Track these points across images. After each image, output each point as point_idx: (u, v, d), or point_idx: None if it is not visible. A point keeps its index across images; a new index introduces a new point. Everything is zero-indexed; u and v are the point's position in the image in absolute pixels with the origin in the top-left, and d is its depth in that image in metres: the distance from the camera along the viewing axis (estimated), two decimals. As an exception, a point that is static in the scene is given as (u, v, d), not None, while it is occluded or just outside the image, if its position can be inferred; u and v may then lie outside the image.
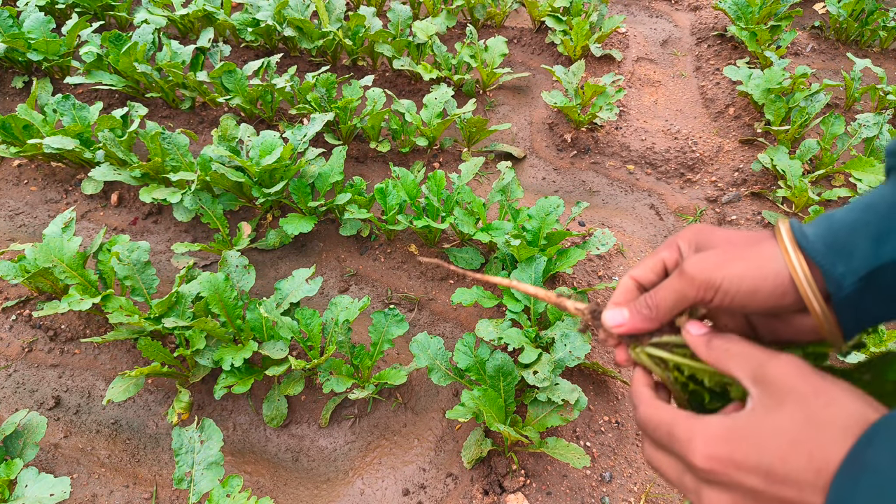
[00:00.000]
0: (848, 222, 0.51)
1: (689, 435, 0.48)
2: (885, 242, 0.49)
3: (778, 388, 0.46)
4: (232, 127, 2.74)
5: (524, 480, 1.92)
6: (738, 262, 0.53)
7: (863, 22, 4.08)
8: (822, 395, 0.45)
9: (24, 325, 2.34)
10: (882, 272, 0.49)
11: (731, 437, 0.46)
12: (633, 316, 0.59)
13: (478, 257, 2.56)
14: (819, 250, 0.51)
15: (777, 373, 0.47)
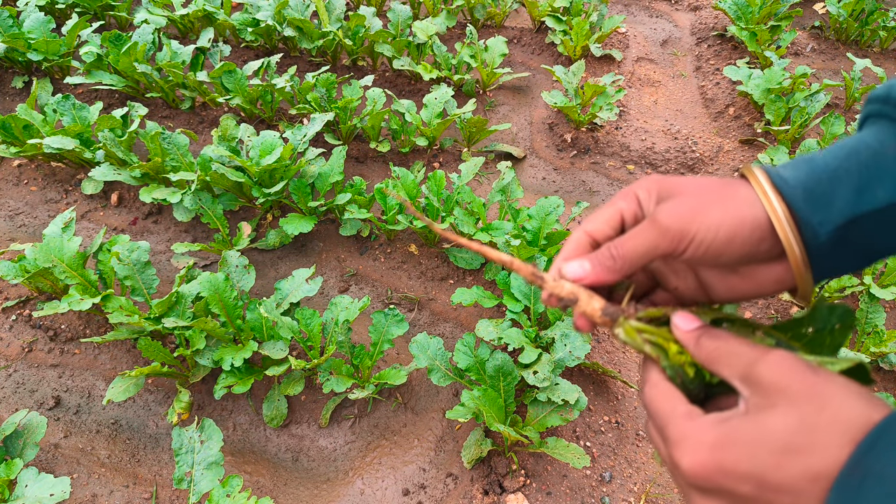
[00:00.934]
0: (829, 169, 0.50)
1: (679, 437, 0.46)
2: (865, 192, 0.48)
3: (769, 390, 0.44)
4: (232, 127, 2.74)
5: (524, 480, 1.92)
6: (713, 208, 0.51)
7: (863, 22, 4.08)
8: (817, 396, 0.42)
9: (24, 325, 2.34)
10: (859, 222, 0.48)
11: (722, 444, 0.43)
12: (595, 267, 0.54)
13: (478, 257, 2.56)
14: (798, 196, 0.49)
15: (768, 373, 0.44)
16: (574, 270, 0.55)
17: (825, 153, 0.52)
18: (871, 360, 2.18)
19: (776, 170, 0.52)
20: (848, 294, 2.39)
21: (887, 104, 0.51)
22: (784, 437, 0.41)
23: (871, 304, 2.24)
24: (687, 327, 0.52)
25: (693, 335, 0.51)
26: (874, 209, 0.48)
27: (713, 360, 0.49)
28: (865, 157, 0.49)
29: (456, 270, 2.60)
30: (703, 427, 0.45)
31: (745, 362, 0.46)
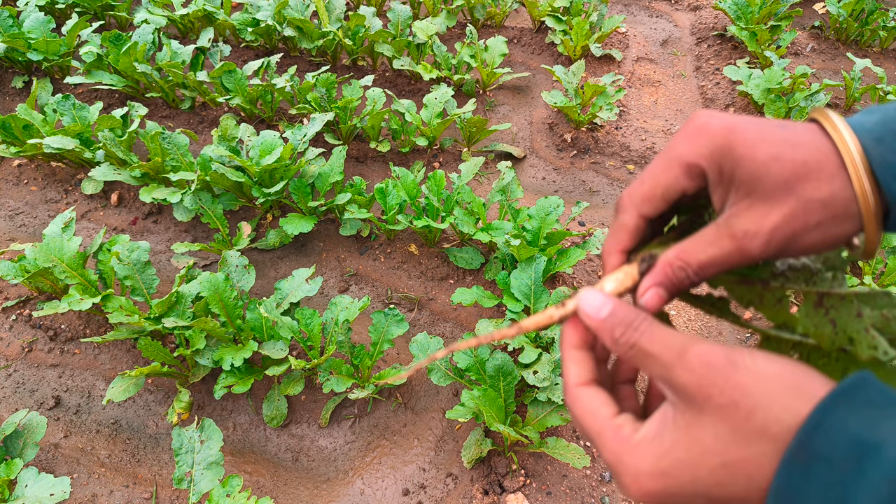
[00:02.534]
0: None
1: (614, 461, 0.44)
2: None
3: (694, 397, 0.41)
4: (232, 127, 2.74)
5: (524, 480, 1.92)
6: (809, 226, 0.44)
7: (863, 22, 4.08)
8: (743, 399, 0.39)
9: (24, 325, 2.34)
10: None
11: (662, 472, 0.41)
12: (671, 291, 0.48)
13: (478, 257, 2.56)
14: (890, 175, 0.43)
15: (688, 378, 0.41)
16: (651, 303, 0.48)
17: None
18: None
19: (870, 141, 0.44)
20: (848, 294, 2.39)
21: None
22: (719, 453, 0.40)
23: (871, 304, 2.24)
24: (597, 315, 0.47)
25: (606, 327, 0.46)
26: None
27: (634, 361, 0.45)
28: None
29: (456, 270, 2.60)
30: (639, 453, 0.43)
31: (664, 365, 0.43)
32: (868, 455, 0.35)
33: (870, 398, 0.37)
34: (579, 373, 0.49)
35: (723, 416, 0.40)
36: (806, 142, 0.45)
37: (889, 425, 0.35)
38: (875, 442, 0.35)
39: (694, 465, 0.40)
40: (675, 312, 2.56)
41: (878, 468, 0.34)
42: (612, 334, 0.46)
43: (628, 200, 0.51)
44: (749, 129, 0.46)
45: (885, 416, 0.36)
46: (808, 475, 0.36)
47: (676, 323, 2.51)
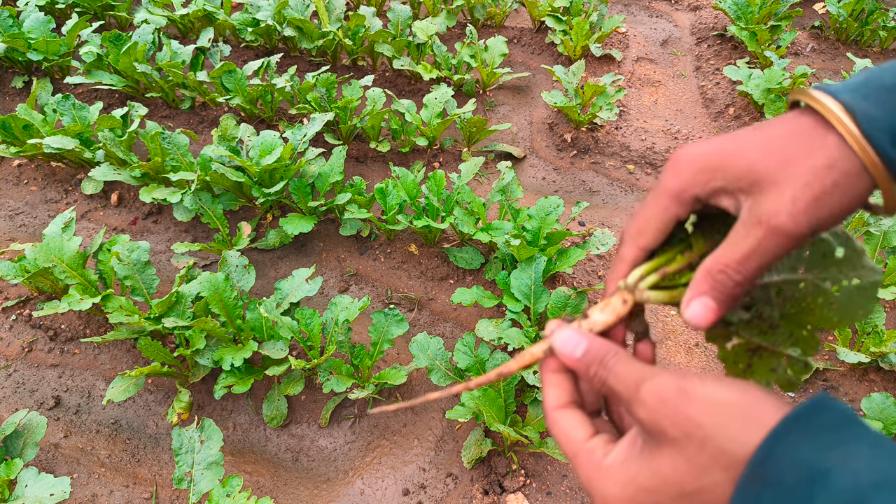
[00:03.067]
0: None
1: (587, 481, 0.47)
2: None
3: (651, 430, 0.44)
4: (232, 127, 2.74)
5: (524, 480, 1.92)
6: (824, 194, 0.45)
7: (863, 22, 4.08)
8: (695, 431, 0.41)
9: (24, 325, 2.34)
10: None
11: (628, 497, 0.44)
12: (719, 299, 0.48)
13: (478, 257, 2.56)
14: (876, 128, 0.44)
15: (644, 413, 0.44)
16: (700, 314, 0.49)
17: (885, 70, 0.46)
18: (871, 359, 2.18)
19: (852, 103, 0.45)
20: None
21: None
22: (678, 483, 0.42)
23: (871, 304, 2.23)
24: (573, 354, 0.49)
25: (582, 366, 0.49)
26: None
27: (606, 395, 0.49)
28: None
29: (456, 270, 2.60)
30: (608, 478, 0.45)
31: (624, 401, 0.46)
32: (817, 481, 0.35)
33: (824, 423, 0.38)
34: (557, 396, 0.51)
35: (677, 448, 0.42)
36: (786, 127, 0.47)
37: (839, 451, 0.36)
38: (825, 468, 0.36)
39: (656, 493, 0.43)
40: (675, 312, 2.56)
41: (826, 495, 0.35)
42: (587, 372, 0.49)
43: (626, 234, 0.54)
44: (728, 141, 0.48)
45: (837, 442, 0.37)
46: (759, 501, 0.37)
47: (676, 323, 2.51)
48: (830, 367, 2.28)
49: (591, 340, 0.49)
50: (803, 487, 0.36)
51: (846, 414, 0.39)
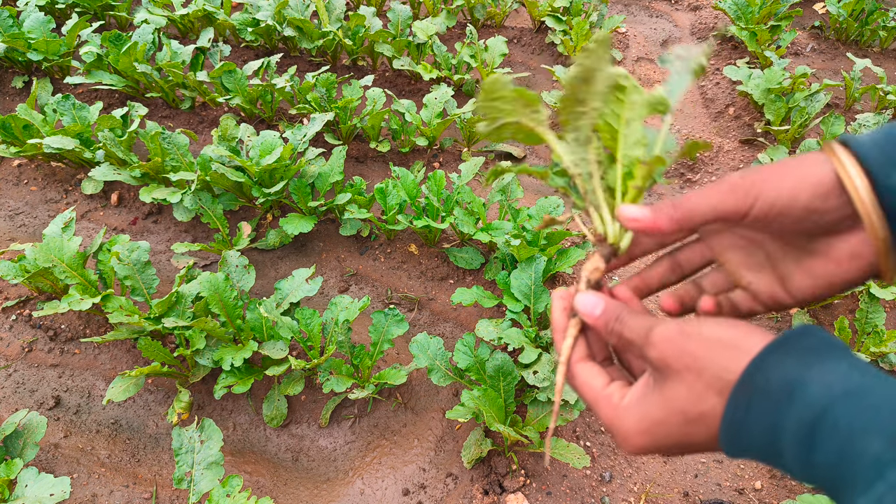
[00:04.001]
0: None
1: (609, 423, 0.53)
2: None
3: (658, 367, 0.50)
4: (232, 127, 2.74)
5: (524, 480, 1.92)
6: (781, 168, 0.51)
7: (863, 22, 4.08)
8: (693, 363, 0.47)
9: (24, 325, 2.34)
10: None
11: (645, 430, 0.50)
12: (656, 213, 0.53)
13: (478, 257, 2.56)
14: (873, 156, 0.47)
15: (653, 356, 0.50)
16: (632, 212, 0.54)
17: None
18: (871, 359, 2.18)
19: (854, 136, 0.50)
20: (848, 294, 2.39)
21: None
22: (682, 411, 0.48)
23: (871, 304, 2.24)
24: (593, 312, 0.56)
25: (601, 323, 0.56)
26: None
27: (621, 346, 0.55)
28: None
29: (456, 270, 2.60)
30: (626, 416, 0.52)
31: (638, 346, 0.52)
32: (796, 389, 0.41)
33: (808, 345, 0.44)
34: (575, 352, 0.58)
35: (680, 379, 0.48)
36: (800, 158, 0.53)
37: (818, 367, 0.42)
38: (804, 380, 0.42)
39: (666, 422, 0.49)
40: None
41: (802, 400, 0.41)
42: (605, 328, 0.56)
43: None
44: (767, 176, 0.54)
45: (818, 361, 0.43)
46: (749, 407, 0.44)
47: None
48: (830, 367, 2.28)
49: (606, 301, 0.56)
50: (785, 394, 0.42)
51: (829, 340, 0.45)
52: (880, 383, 0.40)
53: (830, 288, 0.53)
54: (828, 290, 0.54)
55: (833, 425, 0.38)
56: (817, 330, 0.46)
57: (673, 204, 0.53)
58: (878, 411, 0.38)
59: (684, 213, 0.53)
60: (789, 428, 0.41)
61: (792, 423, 0.41)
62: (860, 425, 0.37)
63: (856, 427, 0.38)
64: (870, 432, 0.37)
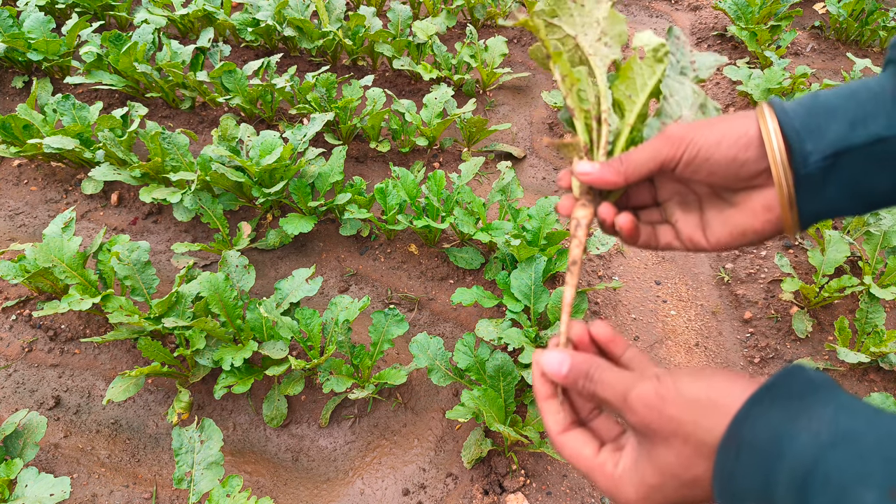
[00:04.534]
0: (829, 106, 0.53)
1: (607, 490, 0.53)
2: (858, 126, 0.51)
3: (643, 435, 0.50)
4: (232, 127, 2.74)
5: (524, 480, 1.92)
6: (712, 121, 0.57)
7: (863, 22, 4.08)
8: (678, 432, 0.48)
9: (24, 325, 2.34)
10: (849, 157, 0.51)
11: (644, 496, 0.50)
12: (604, 167, 0.59)
13: (478, 257, 2.56)
14: (793, 125, 0.53)
15: (634, 421, 0.50)
16: (583, 168, 0.60)
17: (830, 92, 0.55)
18: (871, 359, 2.18)
19: (782, 102, 0.55)
20: (848, 294, 2.39)
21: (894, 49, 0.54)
22: (676, 475, 0.49)
23: (871, 304, 2.24)
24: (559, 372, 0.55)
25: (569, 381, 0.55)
26: (864, 142, 0.51)
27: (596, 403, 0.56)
28: (865, 98, 0.52)
29: (456, 270, 2.60)
30: (623, 485, 0.52)
31: (616, 409, 0.52)
32: (784, 441, 0.41)
33: (793, 390, 0.44)
34: (557, 422, 0.57)
35: (667, 445, 0.48)
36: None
37: (805, 415, 0.42)
38: (792, 431, 0.41)
39: (663, 487, 0.50)
40: (676, 312, 2.56)
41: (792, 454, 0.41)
42: (575, 386, 0.55)
43: None
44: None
45: (804, 407, 0.42)
46: (738, 458, 0.44)
47: (676, 323, 2.51)
48: (830, 367, 2.28)
49: (573, 357, 0.55)
50: (773, 448, 0.42)
51: (814, 380, 0.44)
52: (868, 426, 0.39)
53: (743, 236, 0.58)
54: (740, 239, 0.59)
55: (825, 479, 0.38)
56: (801, 371, 0.46)
57: (619, 159, 0.59)
58: (868, 461, 0.37)
59: (628, 166, 0.58)
60: (782, 482, 0.41)
61: (784, 477, 0.41)
62: (851, 477, 0.37)
63: (847, 479, 0.37)
64: (862, 483, 0.36)
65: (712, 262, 2.80)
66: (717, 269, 2.76)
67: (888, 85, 0.52)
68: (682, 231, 0.62)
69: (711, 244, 0.61)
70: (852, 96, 0.53)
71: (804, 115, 0.53)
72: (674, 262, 2.80)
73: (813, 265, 2.45)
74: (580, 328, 0.59)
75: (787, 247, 2.77)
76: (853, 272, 2.62)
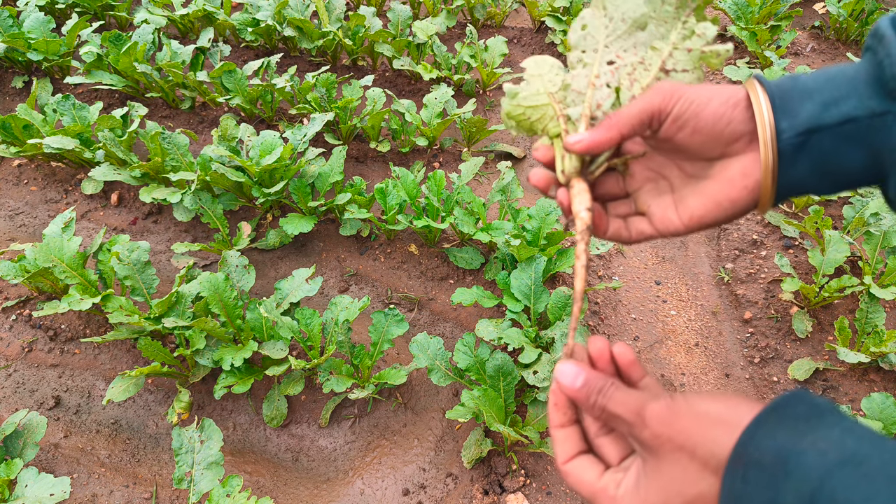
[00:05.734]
0: (806, 88, 0.55)
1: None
2: (830, 108, 0.53)
3: (652, 449, 0.50)
4: (232, 127, 2.74)
5: (524, 480, 1.92)
6: (702, 85, 0.59)
7: (863, 22, 4.08)
8: (685, 446, 0.48)
9: (24, 325, 2.34)
10: (820, 135, 0.54)
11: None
12: (593, 130, 0.59)
13: (478, 257, 2.56)
14: (773, 101, 0.55)
15: (646, 436, 0.50)
16: (574, 137, 0.60)
17: (809, 76, 0.57)
18: (871, 359, 2.18)
19: (765, 77, 0.58)
20: (848, 294, 2.39)
21: (872, 37, 0.55)
22: (680, 492, 0.48)
23: (871, 304, 2.24)
24: (573, 385, 0.55)
25: (582, 395, 0.55)
26: (835, 122, 0.53)
27: (605, 421, 0.55)
28: (840, 81, 0.54)
29: (456, 270, 2.60)
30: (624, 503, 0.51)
31: (628, 424, 0.52)
32: (791, 460, 0.41)
33: (798, 413, 0.45)
34: (565, 451, 0.57)
35: (675, 460, 0.49)
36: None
37: (812, 436, 0.42)
38: (799, 450, 0.42)
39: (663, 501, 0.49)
40: (676, 312, 2.56)
41: (798, 473, 0.41)
42: (587, 401, 0.54)
43: None
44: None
45: (810, 429, 0.43)
46: (745, 478, 0.44)
47: (676, 323, 2.51)
48: (830, 367, 2.28)
49: (588, 372, 0.55)
50: (780, 465, 0.42)
51: (820, 406, 0.45)
52: (874, 449, 0.40)
53: (718, 207, 0.59)
54: (715, 210, 0.59)
55: (831, 498, 0.38)
56: (806, 395, 0.46)
57: (608, 116, 0.60)
58: (873, 481, 0.38)
59: (620, 118, 0.58)
60: (788, 501, 0.41)
61: (790, 496, 0.41)
62: (858, 497, 0.38)
63: (854, 499, 0.38)
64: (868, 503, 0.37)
65: (712, 262, 2.80)
66: (717, 269, 2.76)
67: (862, 69, 0.54)
68: (655, 214, 0.63)
69: (685, 222, 0.61)
70: (829, 80, 0.55)
71: (782, 94, 0.55)
72: (674, 262, 2.80)
73: (813, 265, 2.45)
74: (602, 344, 0.58)
75: (788, 247, 2.77)
76: (853, 272, 2.62)
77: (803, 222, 2.55)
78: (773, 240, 2.81)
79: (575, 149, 0.60)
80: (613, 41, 0.64)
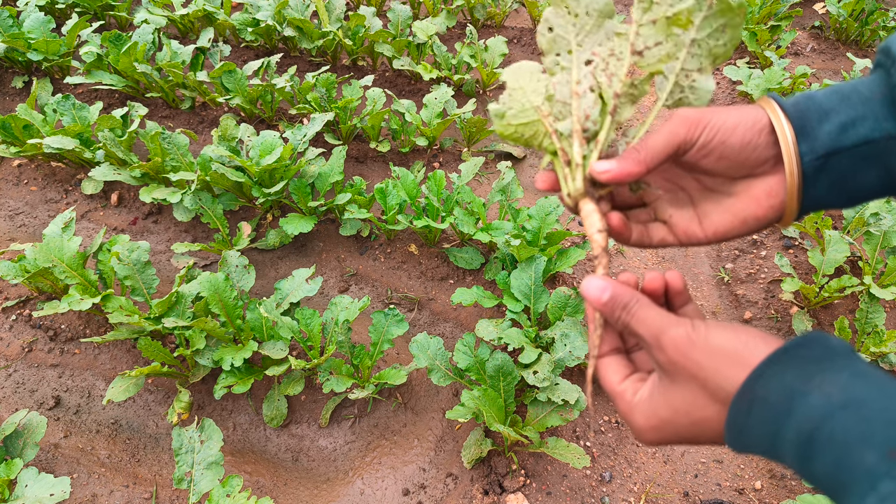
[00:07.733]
0: (822, 109, 0.56)
1: (624, 415, 0.58)
2: (847, 130, 0.55)
3: (667, 372, 0.54)
4: (232, 127, 2.74)
5: (524, 480, 1.92)
6: (723, 108, 0.59)
7: (863, 22, 4.08)
8: (698, 375, 0.51)
9: (24, 325, 2.34)
10: (838, 157, 0.55)
11: (655, 427, 0.55)
12: (622, 160, 0.59)
13: (478, 257, 2.56)
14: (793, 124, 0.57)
15: (662, 360, 0.54)
16: (603, 166, 0.59)
17: (823, 94, 0.58)
18: (871, 359, 2.18)
19: (780, 98, 0.59)
20: (848, 294, 2.39)
21: (884, 55, 0.57)
22: (688, 413, 0.53)
23: (871, 304, 2.24)
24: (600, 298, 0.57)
25: (608, 309, 0.57)
26: (853, 144, 0.55)
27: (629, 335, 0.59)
28: (855, 101, 0.56)
29: (456, 270, 2.60)
30: (637, 412, 0.56)
31: (647, 345, 0.55)
32: (796, 399, 0.44)
33: (810, 355, 0.46)
34: (594, 346, 0.61)
35: (686, 386, 0.52)
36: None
37: (819, 378, 0.44)
38: (804, 391, 0.44)
39: (674, 421, 0.54)
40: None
41: (802, 411, 0.43)
42: (612, 315, 0.57)
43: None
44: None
45: (819, 371, 0.45)
46: (749, 412, 0.47)
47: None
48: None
49: (615, 287, 0.57)
50: (784, 404, 0.44)
51: (832, 348, 0.47)
52: (879, 393, 0.41)
53: (743, 224, 0.61)
54: (740, 227, 0.61)
55: (829, 437, 0.40)
56: (821, 337, 0.48)
57: (635, 148, 0.59)
58: (872, 423, 0.39)
59: (648, 152, 0.58)
60: (788, 437, 0.43)
61: (791, 432, 0.43)
62: (855, 438, 0.39)
63: (851, 439, 0.39)
64: (864, 445, 0.39)
65: (712, 262, 2.80)
66: (717, 269, 2.76)
67: (876, 89, 0.55)
68: (678, 225, 0.64)
69: (708, 235, 0.63)
70: (844, 99, 0.56)
71: (800, 116, 0.56)
72: (674, 262, 2.80)
73: (813, 265, 2.45)
74: (656, 274, 0.62)
75: (788, 247, 2.77)
76: (853, 272, 2.62)
77: (803, 222, 2.55)
78: (773, 240, 2.81)
79: (602, 178, 0.60)
80: (585, 38, 0.61)
